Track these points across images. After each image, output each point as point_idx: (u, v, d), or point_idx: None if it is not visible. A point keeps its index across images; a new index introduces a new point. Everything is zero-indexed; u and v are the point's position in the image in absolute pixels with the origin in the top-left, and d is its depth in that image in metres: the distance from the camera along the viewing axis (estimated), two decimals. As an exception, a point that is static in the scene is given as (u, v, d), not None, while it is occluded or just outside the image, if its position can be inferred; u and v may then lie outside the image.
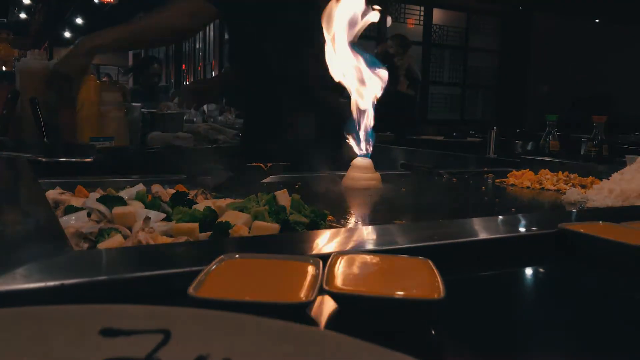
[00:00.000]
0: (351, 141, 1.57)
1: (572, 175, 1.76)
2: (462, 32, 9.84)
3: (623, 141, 4.55)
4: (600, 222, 0.89)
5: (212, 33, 11.04)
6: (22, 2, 12.36)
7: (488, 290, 0.72)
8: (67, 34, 16.83)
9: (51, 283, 0.54)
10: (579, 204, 1.39)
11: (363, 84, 1.50)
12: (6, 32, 2.82)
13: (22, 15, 12.96)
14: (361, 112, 1.54)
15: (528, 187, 1.68)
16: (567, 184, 1.65)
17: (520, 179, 1.73)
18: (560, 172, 1.77)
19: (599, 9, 8.99)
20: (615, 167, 1.52)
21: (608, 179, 1.44)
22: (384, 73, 1.52)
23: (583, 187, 1.61)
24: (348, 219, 1.13)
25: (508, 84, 9.97)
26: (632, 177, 1.38)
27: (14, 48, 2.88)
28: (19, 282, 0.54)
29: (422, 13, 9.34)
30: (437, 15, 9.54)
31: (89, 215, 0.91)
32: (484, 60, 10.12)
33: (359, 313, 0.55)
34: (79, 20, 14.92)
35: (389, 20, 8.48)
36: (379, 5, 1.50)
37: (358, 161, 1.55)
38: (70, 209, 0.94)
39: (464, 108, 10.15)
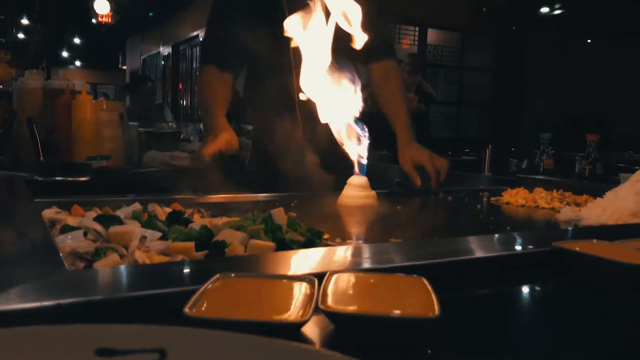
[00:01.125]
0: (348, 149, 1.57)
1: (566, 194, 1.77)
2: (456, 51, 9.93)
3: (617, 159, 4.57)
4: (595, 241, 0.89)
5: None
6: (20, 22, 12.43)
7: (483, 308, 0.72)
8: (65, 54, 16.93)
9: (47, 303, 0.54)
10: (573, 222, 1.39)
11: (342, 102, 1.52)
12: (4, 52, 2.84)
13: (21, 36, 13.03)
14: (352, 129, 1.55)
15: (523, 206, 1.69)
16: (561, 202, 1.66)
17: (515, 197, 1.74)
18: (554, 191, 1.78)
19: (591, 29, 9.10)
20: (609, 186, 1.53)
21: (602, 197, 1.45)
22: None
23: (577, 205, 1.62)
24: (344, 237, 1.13)
25: (503, 102, 10.03)
26: (626, 196, 1.38)
27: (12, 67, 2.89)
28: (15, 302, 0.54)
29: (416, 33, 9.42)
30: (432, 35, 9.62)
31: (85, 234, 0.91)
32: (478, 79, 10.19)
33: (354, 332, 0.55)
34: (76, 40, 15.01)
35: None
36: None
37: (354, 179, 1.55)
38: (67, 229, 0.94)
39: (459, 126, 10.19)
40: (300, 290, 0.59)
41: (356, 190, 1.53)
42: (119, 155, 2.48)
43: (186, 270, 0.73)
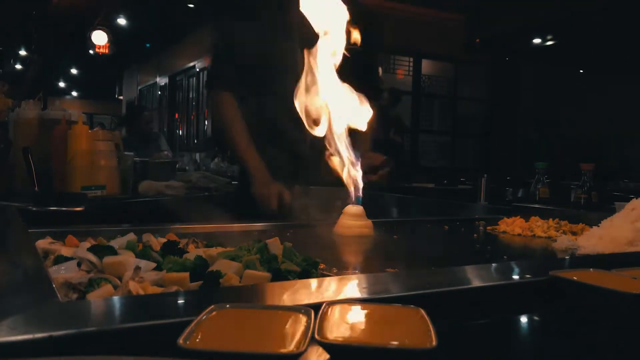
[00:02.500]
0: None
1: (562, 222, 1.77)
2: (450, 81, 10.04)
3: (612, 188, 4.59)
4: (591, 269, 0.89)
5: (204, 82, 11.20)
6: (18, 53, 12.55)
7: (481, 338, 0.72)
8: (62, 84, 17.05)
9: (39, 335, 0.53)
10: (570, 251, 1.39)
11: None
12: (1, 83, 2.86)
13: (18, 66, 13.15)
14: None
15: (519, 235, 1.69)
16: (557, 231, 1.66)
17: (512, 226, 1.74)
18: (550, 219, 1.78)
19: (583, 59, 9.23)
20: (605, 214, 1.53)
21: (598, 226, 1.45)
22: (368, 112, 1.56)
23: (574, 234, 1.62)
24: (340, 267, 1.12)
25: (497, 131, 10.12)
26: (622, 224, 1.39)
27: (8, 98, 2.90)
28: (6, 335, 0.53)
29: (411, 64, 9.55)
30: (426, 65, 9.75)
31: (79, 265, 0.90)
32: (473, 108, 10.29)
33: (351, 363, 0.55)
34: (73, 71, 15.13)
35: (379, 71, 8.67)
36: (372, 57, 1.56)
37: (350, 208, 1.55)
38: (60, 259, 0.93)
39: (454, 156, 10.25)
40: (296, 321, 0.58)
41: (352, 219, 1.53)
42: (114, 185, 2.47)
43: (180, 301, 0.72)
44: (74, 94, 19.13)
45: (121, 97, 17.31)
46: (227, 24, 2.13)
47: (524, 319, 0.81)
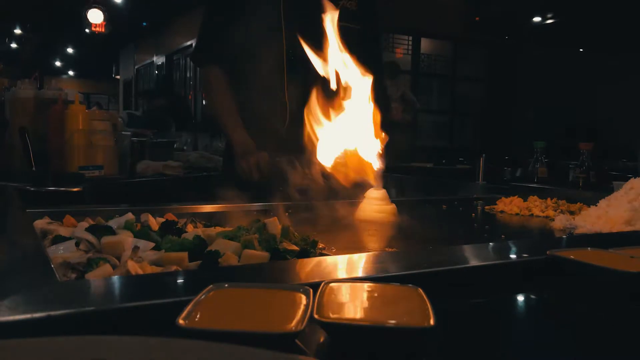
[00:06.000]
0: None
1: (560, 202, 1.77)
2: (449, 61, 9.98)
3: (610, 168, 4.59)
4: (589, 248, 0.89)
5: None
6: (13, 32, 12.42)
7: (479, 316, 0.72)
8: (58, 63, 16.91)
9: (37, 314, 0.53)
10: (567, 231, 1.40)
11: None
12: (-4, 62, 2.85)
13: (13, 45, 13.01)
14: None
15: (517, 214, 1.69)
16: (555, 211, 1.66)
17: (510, 206, 1.74)
18: (548, 199, 1.78)
19: (584, 38, 9.17)
20: (603, 194, 1.53)
21: (596, 206, 1.45)
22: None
23: (571, 213, 1.62)
24: (339, 246, 1.12)
25: (496, 111, 10.08)
26: (619, 204, 1.39)
27: (4, 78, 2.88)
28: (4, 314, 0.53)
29: (410, 43, 9.47)
30: (425, 44, 9.67)
31: (77, 245, 0.90)
32: (471, 88, 10.24)
33: (349, 342, 0.55)
34: (70, 50, 15.00)
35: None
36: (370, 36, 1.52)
37: (372, 192, 1.50)
38: (58, 239, 0.93)
39: (452, 135, 10.23)
40: (294, 300, 0.58)
41: (375, 204, 1.48)
42: (112, 164, 2.47)
43: (179, 281, 0.72)
44: (71, 73, 19.00)
45: (118, 77, 17.19)
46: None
47: (521, 298, 0.81)
